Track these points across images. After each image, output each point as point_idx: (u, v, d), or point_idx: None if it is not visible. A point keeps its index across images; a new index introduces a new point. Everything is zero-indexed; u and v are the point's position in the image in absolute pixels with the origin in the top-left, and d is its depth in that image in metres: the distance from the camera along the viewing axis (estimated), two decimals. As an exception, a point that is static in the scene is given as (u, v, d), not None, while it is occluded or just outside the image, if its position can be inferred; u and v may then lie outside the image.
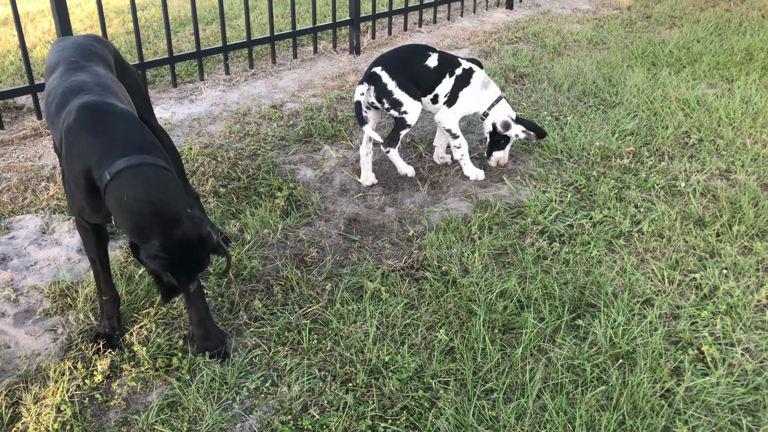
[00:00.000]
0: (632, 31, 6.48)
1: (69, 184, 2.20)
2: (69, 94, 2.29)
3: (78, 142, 2.12)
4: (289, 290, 2.73)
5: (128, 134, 2.16)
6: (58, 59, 2.55)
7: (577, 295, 2.68)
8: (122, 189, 2.04)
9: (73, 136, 2.13)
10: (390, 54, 3.55)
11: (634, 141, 4.04)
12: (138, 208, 2.02)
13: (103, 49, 2.72)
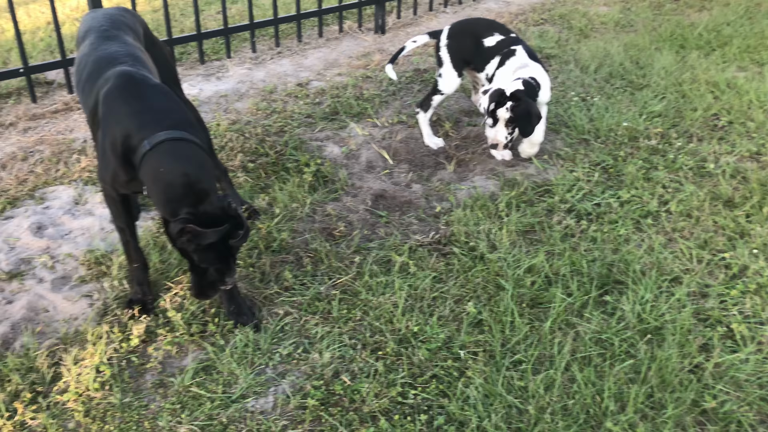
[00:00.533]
0: (660, 13, 6.40)
1: (104, 150, 2.24)
2: (102, 63, 2.33)
3: (117, 109, 2.16)
4: (318, 262, 2.76)
5: (168, 108, 2.22)
6: (88, 28, 2.60)
7: (604, 272, 2.69)
8: (160, 160, 2.09)
9: (112, 102, 2.17)
10: (464, 20, 3.82)
11: (662, 123, 4.01)
12: (172, 180, 2.07)
13: (134, 21, 2.76)
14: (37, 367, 2.19)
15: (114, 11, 2.76)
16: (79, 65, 2.46)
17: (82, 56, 2.47)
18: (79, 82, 2.44)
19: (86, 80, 2.36)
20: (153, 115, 2.16)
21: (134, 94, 2.18)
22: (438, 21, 6.14)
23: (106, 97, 2.19)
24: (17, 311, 2.47)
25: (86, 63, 2.41)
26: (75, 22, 5.87)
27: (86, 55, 2.44)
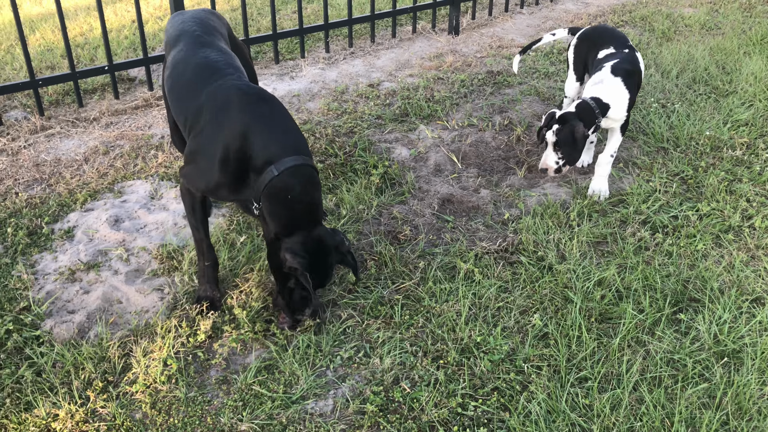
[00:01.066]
0: (751, 15, 6.09)
1: (204, 158, 2.28)
2: (205, 71, 2.40)
3: (233, 125, 2.21)
4: (383, 265, 2.76)
5: (287, 128, 2.30)
6: (179, 32, 2.66)
7: (679, 289, 2.57)
8: (287, 187, 2.20)
9: (225, 116, 2.23)
10: (596, 27, 3.67)
11: (749, 132, 3.81)
12: (295, 207, 2.21)
13: (220, 24, 2.82)
14: (109, 357, 2.28)
15: (202, 14, 2.82)
16: (175, 68, 2.52)
17: (179, 60, 2.53)
18: (174, 85, 2.50)
19: (186, 85, 2.43)
20: (275, 137, 2.25)
21: (251, 112, 2.24)
22: (513, 22, 6.04)
23: (220, 110, 2.25)
24: (93, 301, 2.58)
25: (184, 68, 2.48)
26: (158, 21, 6.09)
27: (183, 61, 2.51)
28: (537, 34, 5.70)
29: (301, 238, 2.21)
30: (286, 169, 2.19)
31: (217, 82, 2.33)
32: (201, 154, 2.30)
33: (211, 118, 2.27)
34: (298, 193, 2.21)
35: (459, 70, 4.90)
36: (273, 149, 2.22)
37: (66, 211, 3.19)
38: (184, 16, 2.80)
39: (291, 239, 2.21)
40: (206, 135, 2.28)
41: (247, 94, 2.28)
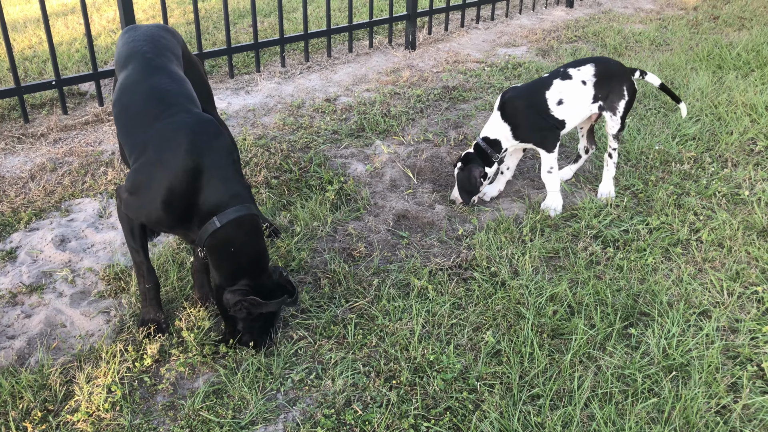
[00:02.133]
0: (698, 32, 6.27)
1: (147, 196, 2.21)
2: (155, 102, 2.32)
3: (177, 167, 2.15)
4: (337, 284, 2.73)
5: (233, 177, 2.26)
6: (130, 52, 2.55)
7: (630, 303, 2.60)
8: (230, 239, 2.20)
9: (172, 156, 2.17)
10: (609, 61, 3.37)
11: (696, 146, 3.90)
12: (238, 258, 2.22)
13: (174, 43, 2.73)
14: (50, 384, 2.19)
15: (155, 31, 2.71)
16: (123, 95, 2.42)
17: (127, 87, 2.43)
18: (121, 113, 2.41)
19: (133, 118, 2.35)
20: (220, 186, 2.21)
21: (199, 156, 2.18)
22: (469, 37, 6.10)
23: (167, 150, 2.19)
24: (35, 326, 2.49)
25: (132, 97, 2.39)
26: (111, 34, 5.97)
27: (131, 88, 2.41)
28: (492, 50, 5.77)
29: (244, 287, 2.24)
30: (228, 222, 2.18)
31: (166, 119, 2.26)
32: (144, 188, 2.23)
33: (157, 157, 2.20)
34: (241, 244, 2.22)
35: (415, 85, 4.92)
36: (217, 198, 2.19)
37: (9, 231, 3.08)
38: (136, 33, 2.68)
39: (235, 290, 2.23)
40: (151, 172, 2.21)
41: (196, 134, 2.21)
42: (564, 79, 3.19)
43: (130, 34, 2.69)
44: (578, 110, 3.21)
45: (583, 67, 3.23)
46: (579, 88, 3.19)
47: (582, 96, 3.20)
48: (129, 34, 2.70)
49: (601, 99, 3.23)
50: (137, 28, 2.75)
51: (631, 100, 3.27)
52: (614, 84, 3.22)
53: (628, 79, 3.26)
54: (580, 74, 3.21)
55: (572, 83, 3.18)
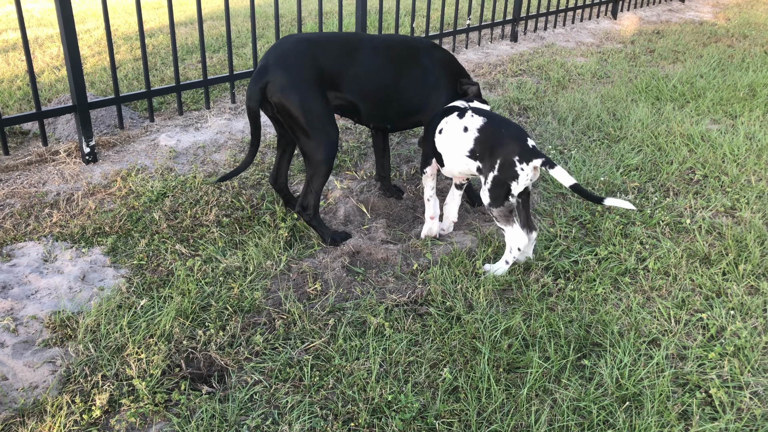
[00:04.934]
0: (636, 65, 6.53)
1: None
2: None
3: None
4: (291, 324, 2.70)
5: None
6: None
7: (582, 334, 2.65)
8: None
9: None
10: (501, 119, 3.07)
11: (639, 176, 4.04)
12: None
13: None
14: (-8, 442, 2.09)
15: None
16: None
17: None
18: None
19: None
20: None
21: None
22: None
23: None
24: (-25, 380, 2.37)
25: None
26: (54, 71, 5.86)
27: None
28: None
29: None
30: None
31: None
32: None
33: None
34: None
35: (366, 119, 4.96)
36: None
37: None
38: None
39: None
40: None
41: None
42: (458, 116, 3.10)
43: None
44: (455, 156, 3.10)
45: (477, 117, 3.04)
46: (460, 133, 3.05)
47: (460, 143, 3.04)
48: None
49: (478, 158, 3.00)
50: None
51: (505, 177, 2.90)
52: (494, 150, 2.94)
53: (509, 153, 2.90)
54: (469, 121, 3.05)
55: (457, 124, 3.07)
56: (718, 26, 8.30)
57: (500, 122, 3.01)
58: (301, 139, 3.14)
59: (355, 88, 3.22)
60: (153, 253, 3.19)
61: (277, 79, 3.03)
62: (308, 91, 3.05)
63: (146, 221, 3.45)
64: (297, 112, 3.05)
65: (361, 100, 3.27)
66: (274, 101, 3.07)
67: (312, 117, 3.07)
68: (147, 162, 4.20)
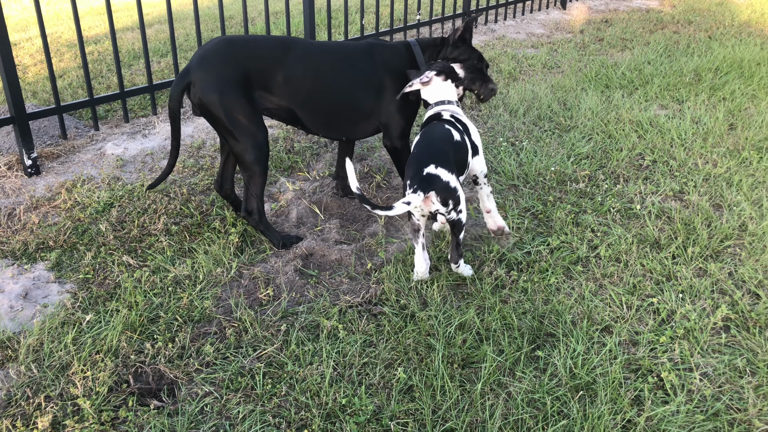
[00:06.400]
0: (585, 54, 6.60)
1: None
2: None
3: None
4: (243, 332, 2.64)
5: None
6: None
7: (536, 325, 2.65)
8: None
9: None
10: (428, 139, 2.90)
11: (590, 164, 4.07)
12: None
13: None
14: (-73, 474, 2.00)
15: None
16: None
17: None
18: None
19: None
20: None
21: None
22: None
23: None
24: None
25: None
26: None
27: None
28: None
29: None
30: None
31: None
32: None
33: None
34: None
35: (318, 119, 4.91)
36: None
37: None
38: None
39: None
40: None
41: None
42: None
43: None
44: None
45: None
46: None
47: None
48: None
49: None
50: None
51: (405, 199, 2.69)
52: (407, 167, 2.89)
53: (407, 175, 2.80)
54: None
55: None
56: (664, 13, 8.45)
57: (427, 139, 2.89)
58: (229, 141, 3.09)
59: (288, 91, 3.14)
60: (99, 266, 3.10)
61: (197, 80, 2.99)
62: (229, 91, 2.99)
63: (92, 233, 3.35)
64: (218, 112, 3.00)
65: (297, 105, 3.19)
66: (196, 102, 3.03)
67: (235, 117, 3.02)
68: (93, 172, 4.09)
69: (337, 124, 3.32)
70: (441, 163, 2.73)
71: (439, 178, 2.69)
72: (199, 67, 3.00)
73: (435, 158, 2.74)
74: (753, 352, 2.53)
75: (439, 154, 2.77)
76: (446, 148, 2.82)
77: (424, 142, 2.89)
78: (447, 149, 2.82)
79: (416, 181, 2.69)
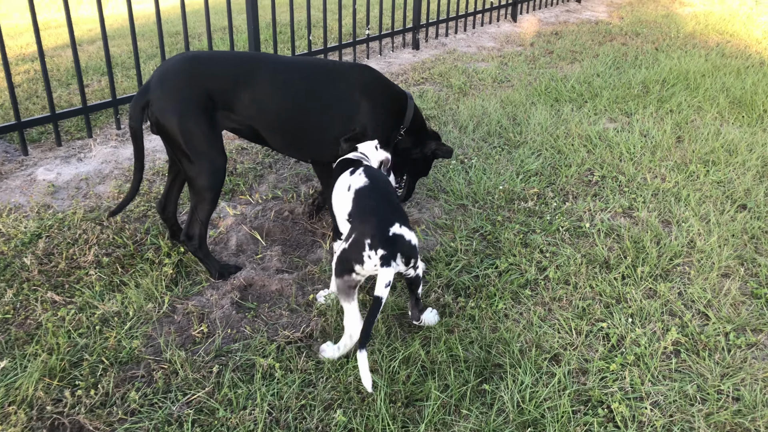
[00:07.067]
0: (535, 67, 6.59)
1: None
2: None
3: None
4: (173, 374, 2.47)
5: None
6: None
7: (483, 356, 2.54)
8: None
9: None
10: (377, 188, 2.59)
11: (539, 181, 4.01)
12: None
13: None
14: None
15: None
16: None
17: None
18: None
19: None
20: None
21: None
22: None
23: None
24: None
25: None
26: None
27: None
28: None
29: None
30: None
31: None
32: None
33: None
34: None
35: (263, 138, 4.76)
36: None
37: None
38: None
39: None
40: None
41: None
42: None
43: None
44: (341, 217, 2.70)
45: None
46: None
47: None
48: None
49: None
50: None
51: (350, 256, 2.38)
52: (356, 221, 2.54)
53: (364, 232, 2.38)
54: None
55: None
56: (613, 25, 8.55)
57: (376, 188, 2.57)
58: (184, 162, 2.92)
59: (253, 113, 2.99)
60: (21, 304, 2.89)
61: (156, 99, 2.82)
62: (189, 111, 2.83)
63: (16, 268, 3.13)
64: (176, 133, 2.84)
65: (263, 127, 3.04)
66: (153, 121, 2.86)
67: (192, 139, 2.85)
68: (21, 200, 3.86)
69: (304, 145, 3.19)
70: (403, 219, 2.42)
71: (403, 237, 2.36)
72: (159, 85, 2.84)
73: (397, 214, 2.43)
74: (703, 377, 2.46)
75: (399, 209, 2.49)
76: (394, 197, 2.58)
77: (372, 190, 2.55)
78: (395, 198, 2.58)
79: (380, 243, 2.31)
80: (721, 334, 2.68)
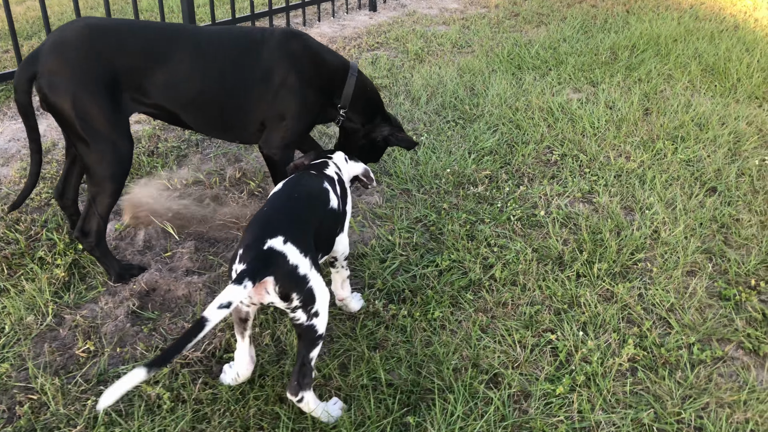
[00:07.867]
0: (499, 31, 6.15)
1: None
2: None
3: None
4: (42, 408, 2.08)
5: None
6: None
7: (411, 379, 2.19)
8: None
9: None
10: (290, 194, 2.11)
11: (492, 161, 3.63)
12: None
13: None
14: None
15: None
16: None
17: None
18: None
19: None
20: None
21: None
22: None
23: None
24: None
25: None
26: None
27: None
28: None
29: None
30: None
31: None
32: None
33: None
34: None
35: (192, 112, 4.30)
36: None
37: None
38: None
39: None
40: None
41: None
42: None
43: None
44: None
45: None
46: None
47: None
48: None
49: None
50: None
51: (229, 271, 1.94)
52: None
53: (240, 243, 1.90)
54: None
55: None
56: (584, -15, 8.09)
57: (289, 195, 2.10)
58: (79, 147, 2.48)
59: (170, 94, 2.55)
60: None
61: (46, 71, 2.34)
62: (87, 90, 2.37)
63: None
64: (69, 114, 2.38)
65: (181, 108, 2.61)
66: (42, 97, 2.39)
67: (90, 122, 2.40)
68: None
69: (228, 128, 2.77)
70: (294, 235, 1.87)
71: (284, 258, 1.80)
72: (51, 55, 2.35)
73: (288, 226, 1.89)
74: (661, 401, 2.14)
75: (296, 222, 1.95)
76: (311, 215, 2.04)
77: (283, 196, 2.09)
78: (311, 216, 2.04)
79: (247, 255, 1.81)
80: (684, 346, 2.36)
